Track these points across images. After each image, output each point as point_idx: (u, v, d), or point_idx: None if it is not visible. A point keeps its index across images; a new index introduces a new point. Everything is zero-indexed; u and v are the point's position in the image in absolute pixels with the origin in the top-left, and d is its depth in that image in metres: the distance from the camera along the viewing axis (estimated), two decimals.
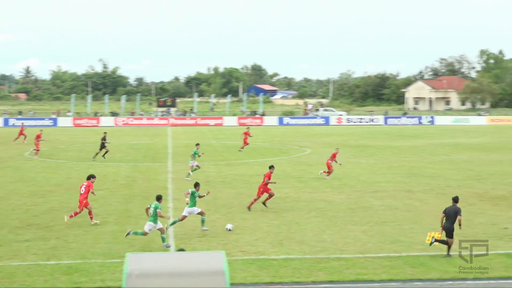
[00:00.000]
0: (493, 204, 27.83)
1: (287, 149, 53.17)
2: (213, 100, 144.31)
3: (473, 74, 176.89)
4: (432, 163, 43.04)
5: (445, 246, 19.16)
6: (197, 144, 38.28)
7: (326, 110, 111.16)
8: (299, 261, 18.65)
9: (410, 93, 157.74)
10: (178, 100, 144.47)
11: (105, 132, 46.46)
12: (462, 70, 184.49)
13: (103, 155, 44.45)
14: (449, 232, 19.07)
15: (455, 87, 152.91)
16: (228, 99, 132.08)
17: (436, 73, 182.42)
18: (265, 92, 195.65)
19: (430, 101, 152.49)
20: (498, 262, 18.48)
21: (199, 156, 36.83)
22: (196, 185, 23.10)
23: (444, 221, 19.35)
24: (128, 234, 20.73)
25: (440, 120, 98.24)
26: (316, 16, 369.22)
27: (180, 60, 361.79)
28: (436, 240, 19.06)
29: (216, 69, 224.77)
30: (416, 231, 22.46)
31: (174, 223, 22.52)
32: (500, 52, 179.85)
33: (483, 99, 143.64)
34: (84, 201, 23.74)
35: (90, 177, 24.59)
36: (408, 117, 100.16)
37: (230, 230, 22.53)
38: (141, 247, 20.26)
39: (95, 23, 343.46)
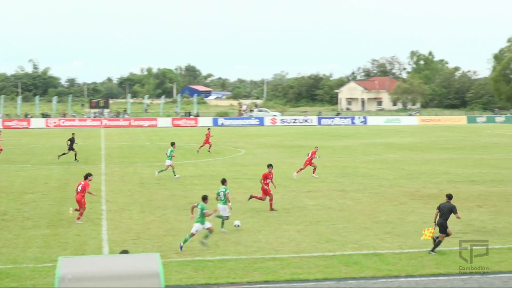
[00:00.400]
0: (424, 202, 28.43)
1: (222, 150, 53.15)
2: (147, 101, 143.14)
3: (404, 75, 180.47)
4: (365, 162, 43.70)
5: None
6: (173, 144, 37.93)
7: (260, 111, 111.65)
8: (234, 261, 18.66)
9: (343, 93, 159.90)
10: (111, 101, 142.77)
11: (73, 133, 46.14)
12: (394, 71, 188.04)
13: (75, 159, 44.18)
14: (443, 228, 19.60)
15: (386, 87, 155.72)
16: (162, 100, 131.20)
17: (368, 74, 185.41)
18: (199, 93, 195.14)
19: (363, 102, 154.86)
20: (429, 259, 18.89)
21: (173, 156, 36.73)
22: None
23: (438, 217, 19.80)
24: (181, 247, 19.78)
25: (372, 120, 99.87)
26: (249, 17, 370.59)
27: (112, 61, 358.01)
28: (436, 241, 19.58)
29: (149, 70, 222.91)
30: (350, 230, 22.76)
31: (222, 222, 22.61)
32: (430, 54, 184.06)
33: (414, 100, 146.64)
34: (82, 200, 23.83)
35: (87, 176, 24.35)
36: (341, 118, 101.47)
37: (238, 226, 22.72)
38: (74, 250, 19.93)
39: (24, 23, 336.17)
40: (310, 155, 37.20)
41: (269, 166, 27.60)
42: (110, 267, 10.48)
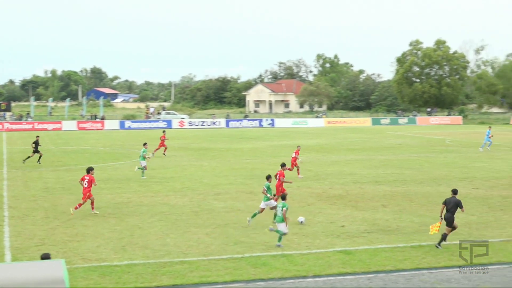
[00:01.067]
0: (330, 203, 28.92)
1: (129, 153, 52.51)
2: (51, 104, 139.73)
3: (311, 78, 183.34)
4: (273, 164, 44.02)
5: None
6: (145, 144, 39.05)
7: (168, 113, 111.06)
8: (142, 266, 18.45)
9: (251, 96, 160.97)
10: (13, 104, 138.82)
11: (37, 136, 45.46)
12: (300, 73, 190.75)
13: (38, 160, 43.30)
14: (450, 222, 20.52)
15: (293, 90, 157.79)
16: (67, 103, 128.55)
17: (275, 77, 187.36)
18: (106, 95, 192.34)
19: (270, 104, 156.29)
20: (336, 259, 19.21)
21: (146, 157, 37.81)
22: (269, 177, 24.50)
23: (444, 211, 20.67)
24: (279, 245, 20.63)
25: (280, 122, 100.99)
26: (156, 19, 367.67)
27: (14, 63, 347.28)
28: (442, 235, 20.51)
29: (53, 72, 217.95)
30: (258, 231, 22.89)
31: (254, 215, 24.08)
32: (336, 57, 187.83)
33: (320, 102, 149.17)
34: (88, 193, 25.71)
35: (90, 169, 26.35)
36: (249, 120, 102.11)
37: (302, 222, 23.75)
38: None
39: None
40: (294, 154, 38.24)
41: (283, 165, 27.89)
42: (13, 275, 10.14)
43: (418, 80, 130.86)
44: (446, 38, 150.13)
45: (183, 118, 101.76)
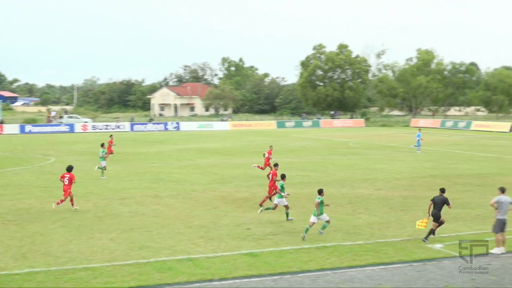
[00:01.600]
0: (236, 206, 29.02)
1: (30, 158, 51.08)
2: None
3: (216, 81, 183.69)
4: (178, 168, 43.90)
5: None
6: (102, 144, 40.65)
7: (70, 117, 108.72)
8: (44, 274, 17.96)
9: (156, 99, 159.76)
10: None
11: None
12: (206, 77, 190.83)
13: None
14: (437, 218, 22.10)
15: (199, 93, 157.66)
16: None
17: (180, 80, 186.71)
18: (5, 99, 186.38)
19: (176, 107, 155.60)
20: (242, 261, 19.28)
21: (104, 156, 39.19)
22: (283, 177, 26.08)
23: (432, 208, 22.23)
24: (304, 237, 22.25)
25: (185, 126, 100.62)
26: (56, 21, 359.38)
27: None
28: (430, 230, 22.11)
29: None
30: (164, 236, 22.72)
31: (268, 208, 25.91)
32: (241, 60, 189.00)
33: (225, 105, 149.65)
34: (68, 191, 27.43)
35: (71, 168, 28.29)
36: (154, 123, 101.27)
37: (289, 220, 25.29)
38: None
39: None
40: (267, 155, 39.42)
41: (276, 165, 29.51)
42: None
43: (321, 84, 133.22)
44: (348, 42, 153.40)
45: (86, 122, 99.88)
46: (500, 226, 20.58)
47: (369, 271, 18.41)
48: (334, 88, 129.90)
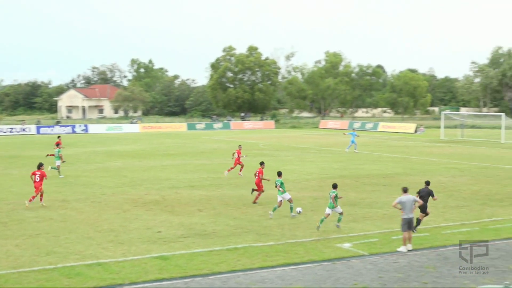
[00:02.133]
0: (147, 209, 28.74)
1: None
2: None
3: (125, 83, 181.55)
4: (87, 171, 43.12)
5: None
6: (58, 145, 42.15)
7: None
8: None
9: (63, 101, 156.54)
10: None
11: None
12: (114, 78, 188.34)
13: None
14: (423, 209, 23.60)
15: (108, 95, 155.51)
16: None
17: (88, 82, 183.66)
18: None
19: (84, 110, 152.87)
20: (152, 265, 19.10)
21: (60, 156, 40.74)
22: (280, 173, 27.43)
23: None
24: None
25: (94, 128, 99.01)
26: None
27: None
28: (417, 220, 23.51)
29: None
30: (72, 240, 22.25)
31: (274, 209, 26.83)
32: (150, 62, 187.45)
33: (135, 107, 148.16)
34: (40, 187, 28.87)
35: (40, 165, 29.65)
36: (61, 126, 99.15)
37: (300, 212, 26.35)
38: None
39: None
40: (237, 155, 40.78)
41: (262, 163, 31.05)
42: None
43: (232, 86, 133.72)
44: (258, 45, 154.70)
45: None
46: (406, 225, 21.16)
47: (280, 271, 18.57)
48: (244, 90, 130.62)
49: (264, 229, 24.23)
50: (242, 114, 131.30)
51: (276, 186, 27.00)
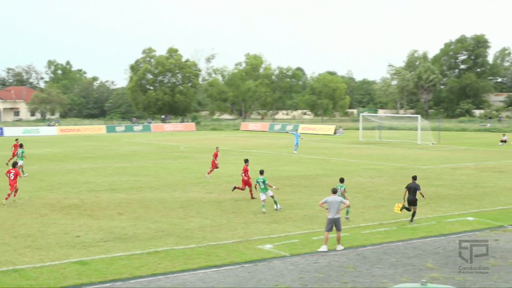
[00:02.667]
0: (65, 213, 28.18)
1: None
2: None
3: (42, 85, 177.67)
4: (2, 175, 41.91)
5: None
6: (21, 146, 44.22)
7: None
8: None
9: None
10: None
11: None
12: (31, 80, 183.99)
13: None
14: (412, 202, 25.55)
15: (24, 97, 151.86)
16: None
17: (4, 83, 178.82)
18: None
19: None
20: (71, 270, 18.74)
21: (24, 157, 42.69)
22: (262, 172, 29.52)
23: (407, 194, 25.67)
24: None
25: (9, 131, 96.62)
26: None
27: None
28: (404, 207, 25.58)
29: None
30: None
31: (263, 205, 28.42)
32: (68, 63, 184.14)
33: (52, 109, 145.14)
34: (14, 185, 30.46)
35: (15, 164, 32.13)
36: None
37: (279, 209, 28.84)
38: None
39: None
40: (214, 157, 41.59)
41: (246, 161, 33.65)
42: None
43: (152, 88, 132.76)
44: (178, 46, 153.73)
45: None
46: (330, 225, 21.48)
47: (202, 274, 18.53)
48: (165, 92, 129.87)
49: (186, 232, 24.14)
50: (163, 117, 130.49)
51: (255, 186, 30.24)
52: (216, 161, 41.44)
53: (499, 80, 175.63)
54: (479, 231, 24.24)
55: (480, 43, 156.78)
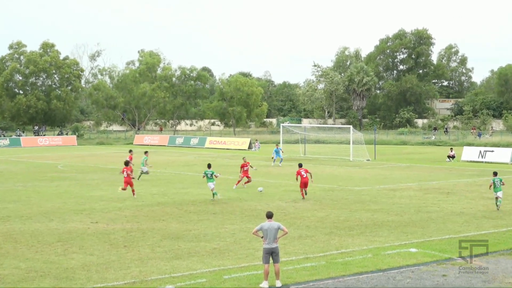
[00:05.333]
0: None
1: None
2: None
3: None
4: None
5: None
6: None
7: None
8: None
9: None
10: None
11: None
12: None
13: None
14: None
15: None
16: None
17: None
18: None
19: None
20: None
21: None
22: (209, 165, 43.56)
23: None
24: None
25: None
26: None
27: None
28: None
29: None
30: None
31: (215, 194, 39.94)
32: None
33: None
34: None
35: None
36: None
37: (261, 191, 41.29)
38: None
39: None
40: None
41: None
42: None
43: (21, 92, 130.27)
44: (54, 41, 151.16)
45: None
46: (267, 256, 21.52)
47: None
48: (38, 97, 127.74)
49: (65, 272, 23.71)
50: (36, 128, 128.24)
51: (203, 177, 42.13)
52: (240, 173, 49.48)
53: (445, 83, 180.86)
54: (423, 264, 24.75)
55: (422, 39, 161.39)
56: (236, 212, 36.91)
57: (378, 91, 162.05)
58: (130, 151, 57.06)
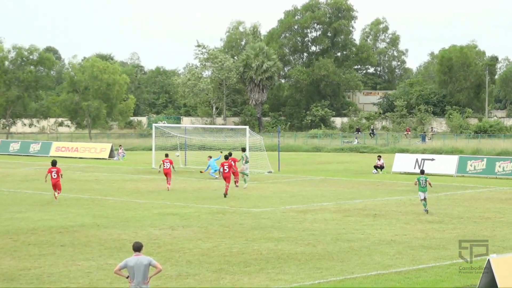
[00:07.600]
0: None
1: None
2: None
3: None
4: None
5: None
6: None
7: None
8: None
9: None
10: None
11: None
12: None
13: None
14: None
15: None
16: None
17: None
18: None
19: None
20: None
21: None
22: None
23: None
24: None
25: None
26: None
27: None
28: None
29: None
30: None
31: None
32: None
33: None
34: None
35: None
36: None
37: (178, 156, 47.10)
38: None
39: None
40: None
41: (230, 155, 57.09)
42: None
43: None
44: None
45: None
46: None
47: None
48: None
49: None
50: None
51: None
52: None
53: (371, 70, 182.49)
54: None
55: (340, 12, 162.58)
56: (93, 243, 36.54)
57: (283, 80, 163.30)
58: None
